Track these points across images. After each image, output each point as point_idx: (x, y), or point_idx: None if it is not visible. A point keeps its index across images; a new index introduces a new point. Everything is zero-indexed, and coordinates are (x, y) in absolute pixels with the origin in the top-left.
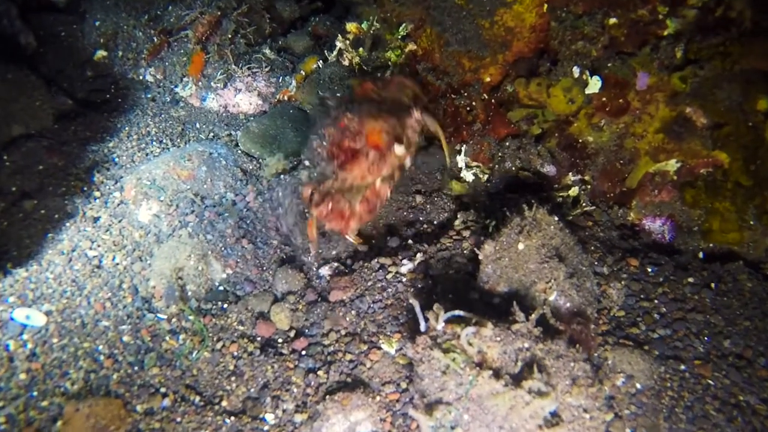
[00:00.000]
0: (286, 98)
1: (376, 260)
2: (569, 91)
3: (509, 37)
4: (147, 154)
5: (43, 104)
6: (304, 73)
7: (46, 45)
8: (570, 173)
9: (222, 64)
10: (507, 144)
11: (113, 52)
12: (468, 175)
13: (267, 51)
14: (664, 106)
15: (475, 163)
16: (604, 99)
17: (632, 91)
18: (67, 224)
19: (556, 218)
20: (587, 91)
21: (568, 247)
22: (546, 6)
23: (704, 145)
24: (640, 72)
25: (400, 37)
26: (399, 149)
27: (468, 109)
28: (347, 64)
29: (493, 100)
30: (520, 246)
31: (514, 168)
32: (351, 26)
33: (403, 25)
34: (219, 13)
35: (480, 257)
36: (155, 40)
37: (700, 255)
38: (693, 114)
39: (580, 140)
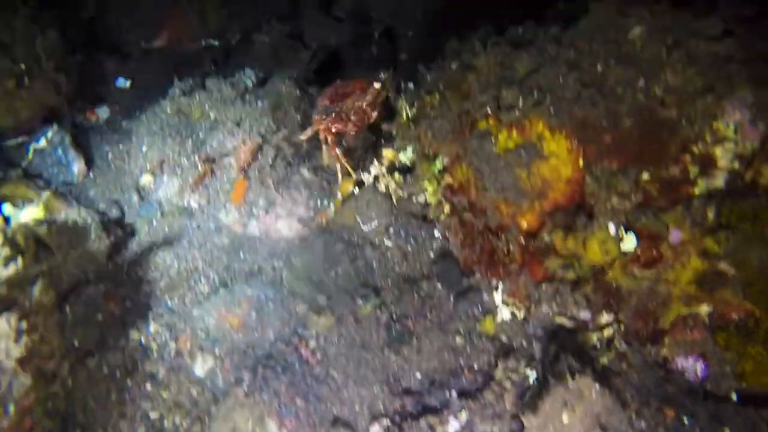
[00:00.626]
0: (324, 221)
1: (424, 420)
2: (604, 244)
3: (545, 188)
4: (197, 295)
5: (99, 244)
6: (341, 197)
7: (94, 168)
8: (604, 312)
9: (263, 190)
10: (543, 288)
11: (159, 177)
12: (505, 313)
13: (305, 171)
14: (697, 258)
15: (511, 300)
16: (638, 251)
17: (665, 244)
18: (129, 383)
19: (597, 386)
20: (622, 248)
21: (609, 410)
22: (581, 161)
23: (735, 296)
24: (673, 229)
25: (436, 170)
26: (376, 84)
27: (505, 251)
28: (383, 190)
29: (530, 246)
30: (565, 419)
31: (551, 312)
32: (387, 152)
33: (440, 157)
34: (260, 140)
35: (525, 426)
36: (200, 167)
37: (734, 396)
38: (725, 267)
39: (614, 284)
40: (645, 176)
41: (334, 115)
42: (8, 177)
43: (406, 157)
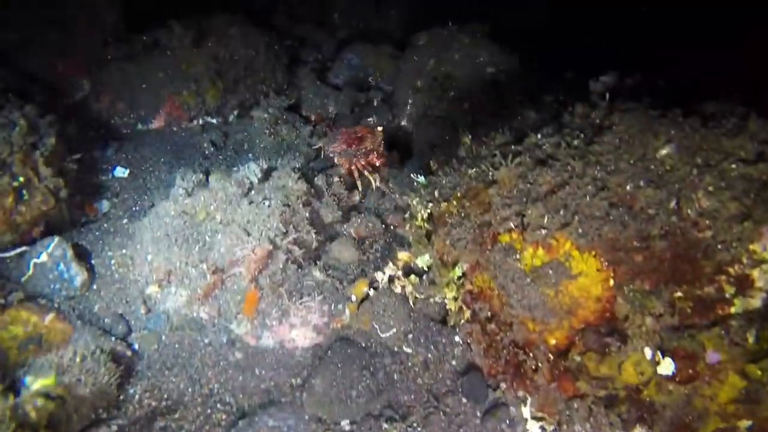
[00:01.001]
0: (340, 327)
1: None
2: (639, 366)
3: (575, 306)
4: (214, 426)
5: (109, 378)
6: (355, 298)
7: (97, 278)
8: (638, 426)
9: (276, 299)
10: (576, 406)
11: (166, 288)
12: (535, 429)
13: (316, 273)
14: (735, 375)
15: (540, 414)
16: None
17: (702, 363)
18: None
19: None
20: (659, 371)
21: None
22: (612, 281)
23: None
24: (710, 350)
25: (455, 276)
26: (379, 129)
27: (533, 367)
28: (399, 291)
29: (560, 365)
30: None
31: (583, 431)
32: (402, 255)
33: (459, 264)
34: (270, 246)
35: None
36: (208, 278)
37: None
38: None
39: (648, 399)
40: (678, 294)
41: (376, 153)
42: (8, 302)
43: (423, 261)
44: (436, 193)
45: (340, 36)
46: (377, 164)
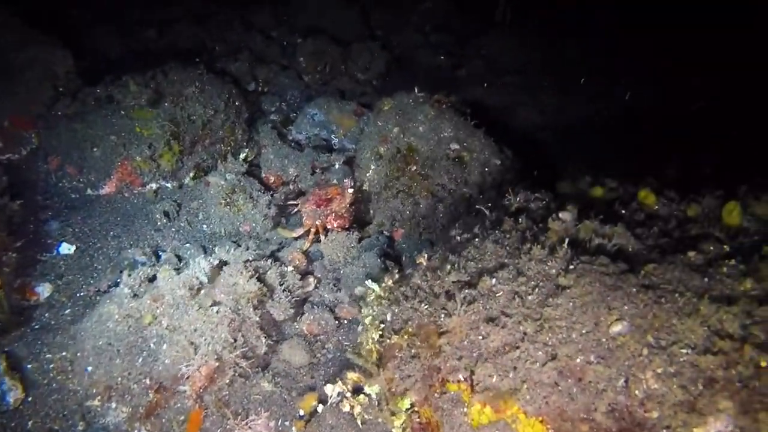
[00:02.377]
0: None
1: None
2: None
3: None
4: None
5: None
6: (303, 413)
7: (33, 387)
8: None
9: (221, 418)
10: None
11: (106, 403)
12: None
13: (264, 384)
14: None
15: None
16: None
17: None
18: None
19: None
20: None
21: None
22: None
23: None
24: None
25: (404, 407)
26: (350, 191)
27: None
28: (348, 410)
29: None
30: None
31: None
32: (352, 375)
33: (409, 396)
34: (217, 363)
35: None
36: (151, 396)
37: None
38: None
39: None
40: None
41: (334, 215)
42: None
43: (371, 389)
44: (388, 317)
45: (305, 80)
46: (334, 226)
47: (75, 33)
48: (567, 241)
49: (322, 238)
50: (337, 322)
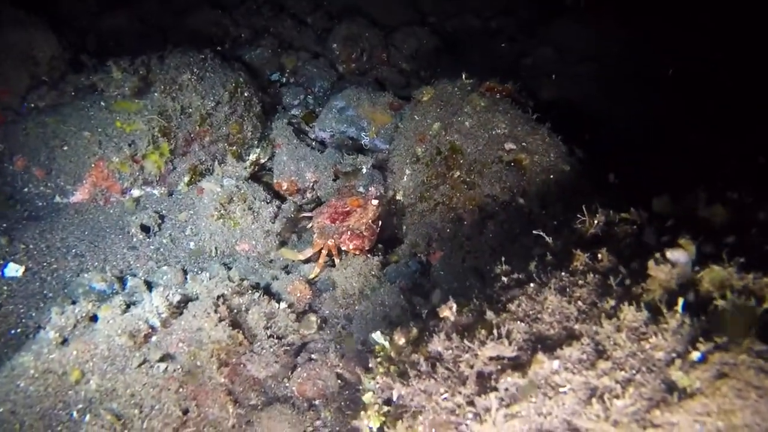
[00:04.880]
0: None
1: None
2: None
3: None
4: None
5: None
6: None
7: None
8: None
9: None
10: None
11: None
12: None
13: None
14: None
15: None
16: None
17: None
18: None
19: None
20: None
21: None
22: None
23: None
24: None
25: None
26: (374, 201)
27: None
28: None
29: None
30: None
31: None
32: None
33: None
34: None
35: None
36: None
37: None
38: None
39: None
40: None
41: (350, 233)
42: None
43: None
44: (395, 395)
45: (339, 71)
46: (349, 247)
47: (82, 16)
48: (682, 301)
49: (336, 261)
50: (340, 381)
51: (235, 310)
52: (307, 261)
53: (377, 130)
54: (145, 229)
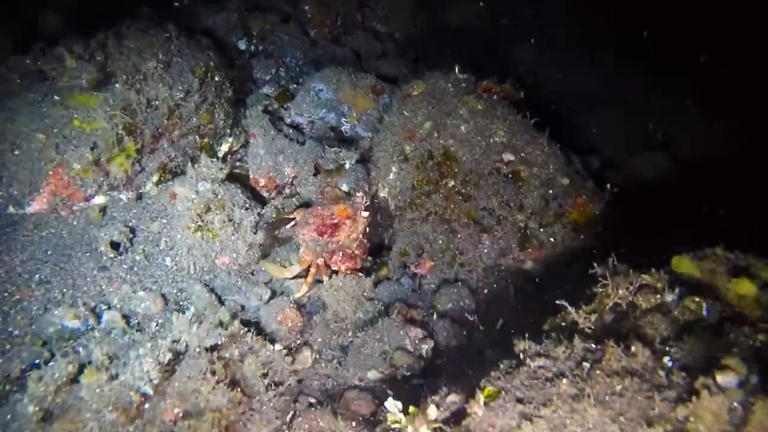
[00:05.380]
0: None
1: None
2: None
3: None
4: None
5: None
6: None
7: None
8: None
9: None
10: None
11: None
12: None
13: None
14: None
15: None
16: None
17: None
18: None
19: None
20: None
21: None
22: None
23: None
24: None
25: None
26: (364, 213)
27: None
28: None
29: None
30: None
31: None
32: None
33: None
34: None
35: None
36: None
37: None
38: None
39: None
40: None
41: (341, 254)
42: None
43: None
44: None
45: (311, 36)
46: (341, 269)
47: None
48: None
49: (325, 279)
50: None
51: (231, 362)
52: (294, 278)
53: (358, 116)
54: (114, 246)
